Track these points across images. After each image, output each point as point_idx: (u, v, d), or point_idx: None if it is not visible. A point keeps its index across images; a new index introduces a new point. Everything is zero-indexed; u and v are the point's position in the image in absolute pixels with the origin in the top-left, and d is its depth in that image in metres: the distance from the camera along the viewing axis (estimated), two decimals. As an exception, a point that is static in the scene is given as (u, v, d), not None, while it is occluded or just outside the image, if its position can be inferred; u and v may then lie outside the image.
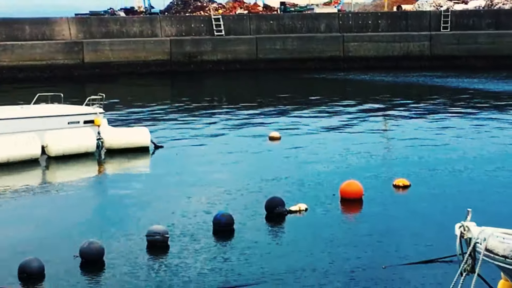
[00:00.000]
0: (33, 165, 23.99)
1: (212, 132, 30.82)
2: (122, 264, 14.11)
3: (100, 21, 57.61)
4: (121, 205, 19.12)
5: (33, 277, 13.08)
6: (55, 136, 25.04)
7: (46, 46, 51.16)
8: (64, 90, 28.63)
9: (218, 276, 13.45)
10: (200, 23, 57.88)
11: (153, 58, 52.84)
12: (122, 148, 25.85)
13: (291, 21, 60.32)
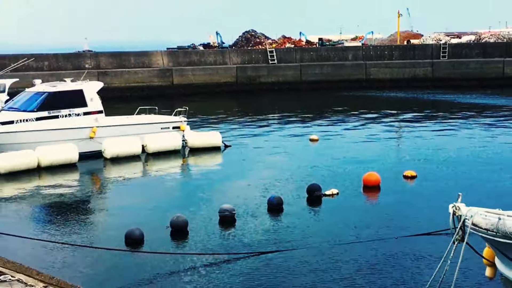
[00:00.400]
0: (136, 159, 24.44)
1: (267, 135, 30.93)
2: (201, 233, 14.34)
3: (185, 53, 58.35)
4: (200, 189, 19.34)
5: (135, 242, 13.39)
6: (151, 138, 25.42)
7: (146, 72, 51.98)
8: (158, 105, 29.05)
9: (272, 242, 13.61)
10: (258, 54, 58.17)
11: (224, 80, 53.22)
12: (201, 147, 26.11)
13: (326, 52, 60.35)
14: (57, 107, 24.66)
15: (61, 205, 18.03)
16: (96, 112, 25.49)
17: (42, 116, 24.26)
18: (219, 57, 56.88)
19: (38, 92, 25.19)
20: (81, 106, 25.19)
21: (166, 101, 35.97)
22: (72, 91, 25.46)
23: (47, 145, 22.94)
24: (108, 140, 24.41)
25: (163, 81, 51.72)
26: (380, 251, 12.90)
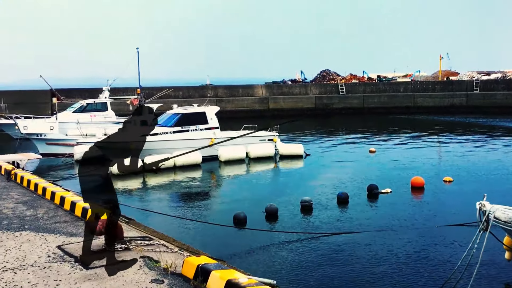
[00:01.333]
0: (241, 162, 24.78)
1: (337, 147, 30.47)
2: (287, 217, 14.30)
3: (278, 86, 58.71)
4: (286, 185, 19.34)
5: (240, 222, 13.55)
6: (253, 147, 25.71)
7: (250, 99, 52.76)
8: (258, 123, 29.33)
9: (340, 226, 13.36)
10: (332, 87, 57.60)
11: (306, 106, 53.03)
12: (288, 155, 26.09)
13: (383, 86, 58.89)
14: (187, 124, 25.46)
15: (189, 193, 18.60)
16: (214, 128, 26.11)
17: (177, 130, 25.12)
18: (302, 89, 56.83)
19: (175, 113, 26.12)
20: (204, 123, 25.88)
21: (264, 121, 36.25)
22: (198, 113, 26.20)
23: (181, 151, 23.67)
24: (222, 148, 24.92)
25: (262, 106, 52.27)
26: (424, 237, 12.37)
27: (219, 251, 10.63)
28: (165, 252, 6.20)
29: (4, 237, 6.85)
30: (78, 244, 6.54)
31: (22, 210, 8.36)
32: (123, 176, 20.87)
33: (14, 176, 10.86)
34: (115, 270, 5.51)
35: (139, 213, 13.02)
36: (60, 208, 8.46)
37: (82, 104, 33.11)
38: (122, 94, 40.60)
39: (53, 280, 5.30)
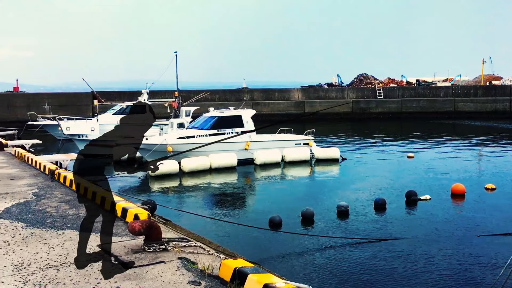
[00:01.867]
0: (277, 166, 24.77)
1: (374, 152, 30.03)
2: (323, 221, 14.18)
3: (314, 90, 58.49)
4: (322, 189, 19.17)
5: (276, 225, 13.52)
6: (288, 150, 25.65)
7: (285, 103, 52.76)
8: (293, 127, 29.23)
9: (377, 232, 13.12)
10: (369, 91, 56.89)
11: (342, 110, 52.53)
12: (324, 159, 25.90)
13: (423, 90, 57.69)
14: (223, 127, 25.66)
15: (224, 196, 18.70)
16: (250, 131, 26.19)
17: (213, 133, 25.32)
18: (339, 93, 56.38)
19: (211, 116, 26.37)
20: (239, 126, 26.00)
21: (299, 125, 36.09)
22: (234, 116, 26.35)
23: (216, 153, 23.91)
24: (258, 151, 24.99)
25: (298, 110, 52.17)
26: (464, 246, 11.99)
27: (255, 254, 10.62)
28: (202, 254, 6.25)
29: (48, 235, 7.07)
30: (118, 243, 6.68)
31: (65, 209, 8.60)
32: (160, 178, 21.21)
33: (57, 176, 11.21)
34: (154, 271, 5.59)
35: (175, 215, 13.18)
36: (101, 208, 8.65)
37: (122, 107, 33.87)
38: (160, 97, 41.34)
39: (94, 279, 5.43)
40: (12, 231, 7.21)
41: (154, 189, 19.97)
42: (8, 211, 8.41)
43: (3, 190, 10.14)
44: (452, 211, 15.95)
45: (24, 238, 6.89)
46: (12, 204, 8.90)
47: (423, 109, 53.95)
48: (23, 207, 8.68)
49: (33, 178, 11.51)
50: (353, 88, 60.41)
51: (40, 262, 5.92)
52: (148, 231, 6.37)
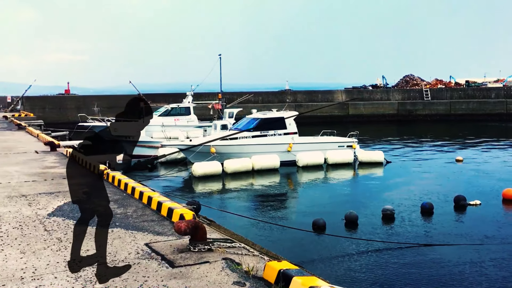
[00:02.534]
0: (319, 168, 24.55)
1: (421, 155, 29.28)
2: (368, 225, 13.94)
3: (358, 92, 57.79)
4: (366, 193, 18.86)
5: (320, 227, 13.41)
6: (331, 153, 25.39)
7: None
8: (337, 129, 28.90)
9: (423, 237, 12.78)
10: (416, 93, 55.64)
11: (387, 112, 51.66)
12: (367, 162, 25.48)
13: (472, 92, 55.86)
14: (266, 128, 25.70)
15: (266, 197, 18.72)
16: (293, 133, 26.13)
17: (256, 135, 25.43)
18: (384, 95, 55.40)
19: (254, 118, 26.47)
20: (282, 128, 25.98)
21: (343, 127, 35.65)
22: (277, 118, 26.35)
23: (259, 155, 23.97)
24: (300, 153, 24.87)
25: (341, 112, 51.57)
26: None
27: (298, 256, 10.56)
28: (246, 255, 6.27)
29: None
30: (164, 242, 6.81)
31: (113, 208, 8.84)
32: (203, 179, 21.48)
33: (106, 176, 11.55)
34: (199, 270, 5.66)
35: (219, 215, 13.31)
36: (147, 208, 8.85)
37: (167, 108, 34.56)
38: (204, 99, 41.88)
39: (142, 276, 5.55)
40: (64, 229, 7.48)
41: (198, 190, 20.25)
42: (60, 209, 8.75)
43: (56, 188, 10.55)
44: (503, 217, 15.32)
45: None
46: (64, 202, 9.24)
47: (473, 111, 52.23)
48: (74, 205, 9.01)
49: (84, 177, 11.90)
50: (399, 90, 59.17)
51: (90, 259, 6.11)
52: (193, 231, 6.45)
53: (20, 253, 6.36)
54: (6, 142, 19.96)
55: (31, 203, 9.20)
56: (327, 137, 27.62)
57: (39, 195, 9.91)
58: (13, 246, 6.63)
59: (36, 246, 6.64)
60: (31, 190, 10.32)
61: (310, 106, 51.38)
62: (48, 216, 8.23)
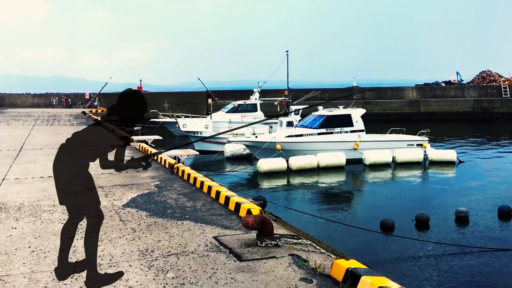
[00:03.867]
0: (387, 167, 23.91)
1: (496, 155, 27.68)
2: (439, 227, 13.39)
3: (430, 89, 55.61)
4: (437, 193, 18.11)
5: (388, 228, 13.08)
6: (400, 151, 24.65)
7: (398, 102, 50.82)
8: (406, 127, 27.94)
9: (499, 242, 12.06)
10: (493, 89, 52.71)
11: (462, 110, 49.26)
12: (438, 161, 24.47)
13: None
14: (332, 126, 25.40)
15: (332, 195, 18.52)
16: (360, 131, 25.64)
17: (322, 132, 25.19)
18: (458, 92, 52.96)
19: (320, 115, 26.23)
20: (349, 126, 25.58)
21: (412, 125, 34.41)
22: (343, 115, 25.96)
23: (324, 152, 23.74)
24: (367, 151, 24.36)
25: (412, 109, 49.86)
26: None
27: (365, 256, 10.36)
28: (313, 252, 6.25)
29: (168, 224, 7.55)
30: (232, 236, 6.93)
31: (183, 201, 9.13)
32: (268, 175, 21.60)
33: (176, 170, 11.93)
34: (266, 265, 5.71)
35: (284, 212, 13.33)
36: (215, 202, 9.05)
37: (234, 105, 35.07)
38: (270, 95, 42.05)
39: (211, 268, 5.69)
40: (137, 219, 7.82)
41: (263, 186, 20.40)
42: (134, 200, 9.15)
43: (130, 181, 11.05)
44: None
45: (148, 226, 7.44)
46: (137, 194, 9.67)
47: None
48: (146, 197, 9.39)
49: (155, 171, 12.39)
50: (475, 87, 56.22)
51: (162, 249, 6.35)
52: (261, 226, 6.52)
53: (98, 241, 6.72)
54: (85, 136, 21.17)
55: (108, 194, 9.70)
56: (396, 135, 26.83)
57: (115, 186, 10.43)
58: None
59: (112, 235, 6.99)
60: (107, 182, 10.87)
61: (378, 103, 50.13)
62: (123, 207, 8.64)
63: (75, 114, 38.96)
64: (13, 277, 5.44)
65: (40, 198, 9.23)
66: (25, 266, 5.76)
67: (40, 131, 23.43)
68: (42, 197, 9.37)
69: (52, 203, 8.83)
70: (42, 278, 5.39)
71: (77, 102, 56.05)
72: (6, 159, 14.31)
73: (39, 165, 13.04)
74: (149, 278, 5.40)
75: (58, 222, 7.63)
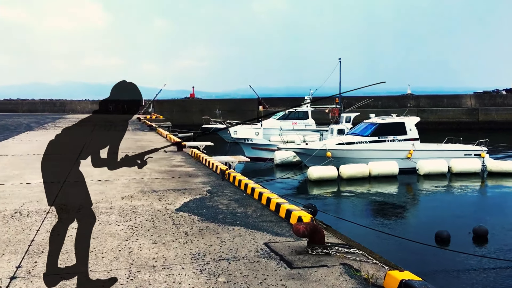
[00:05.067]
0: (442, 177, 23.11)
1: None
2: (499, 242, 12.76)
3: (490, 97, 53.57)
4: (497, 206, 17.37)
5: (443, 241, 12.65)
6: (456, 161, 23.82)
7: (455, 110, 49.24)
8: (463, 136, 26.93)
9: None
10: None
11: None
12: (499, 172, 23.40)
13: None
14: (384, 134, 24.91)
15: (384, 205, 18.11)
16: (413, 139, 25.00)
17: (374, 140, 24.75)
18: (521, 99, 50.77)
19: (372, 123, 25.81)
20: (402, 134, 25.00)
21: (470, 134, 33.10)
22: (396, 123, 25.42)
23: (376, 161, 23.30)
24: (422, 160, 23.68)
25: (470, 118, 48.15)
26: None
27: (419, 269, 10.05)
28: (365, 262, 6.14)
29: (220, 229, 7.65)
30: (282, 243, 6.93)
31: (234, 207, 9.23)
32: (318, 183, 21.43)
33: (227, 176, 12.07)
34: (317, 273, 5.67)
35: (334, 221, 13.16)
36: (266, 208, 9.08)
37: (285, 112, 35.11)
38: (322, 103, 41.82)
39: (261, 274, 5.71)
40: (190, 223, 7.98)
41: (313, 193, 20.26)
42: (186, 205, 9.34)
43: (182, 186, 11.29)
44: None
45: (200, 230, 7.57)
46: (190, 199, 9.86)
47: None
48: (198, 202, 9.56)
49: (207, 176, 12.59)
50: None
51: (213, 253, 6.44)
52: (312, 234, 6.48)
53: (152, 243, 6.91)
54: (140, 141, 21.85)
55: (161, 198, 9.96)
56: (452, 144, 25.95)
57: (168, 191, 10.69)
58: (146, 237, 7.23)
59: (166, 238, 7.17)
60: (161, 186, 11.16)
61: (434, 112, 48.67)
62: (176, 211, 8.84)
63: (130, 120, 40.24)
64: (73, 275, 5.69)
65: (98, 201, 9.60)
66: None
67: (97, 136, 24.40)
68: (99, 199, 9.75)
69: (109, 206, 9.17)
70: (100, 277, 5.60)
71: (132, 108, 57.90)
72: (67, 162, 15.00)
73: (96, 169, 13.56)
74: (201, 282, 5.49)
75: (114, 224, 7.91)
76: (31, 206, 9.06)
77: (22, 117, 42.82)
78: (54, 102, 58.44)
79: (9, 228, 7.64)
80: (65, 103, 58.40)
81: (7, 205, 9.15)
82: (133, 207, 9.05)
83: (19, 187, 10.89)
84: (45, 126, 31.61)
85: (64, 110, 56.29)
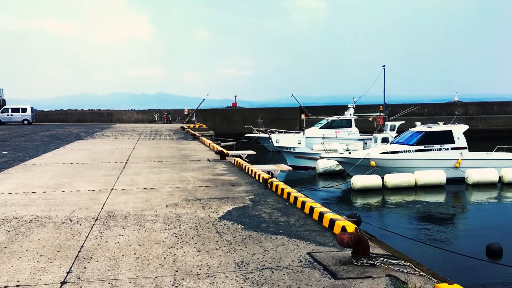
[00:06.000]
0: (493, 187, 22.25)
1: None
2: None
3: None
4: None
5: (495, 254, 12.13)
6: (507, 171, 22.87)
7: (507, 118, 47.47)
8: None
9: None
10: None
11: None
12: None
13: None
14: (431, 142, 24.28)
15: (431, 216, 17.57)
16: (462, 148, 24.23)
17: (420, 149, 24.16)
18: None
19: (418, 131, 25.21)
20: (449, 142, 24.29)
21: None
22: (443, 131, 24.72)
23: (422, 170, 22.71)
24: (470, 169, 22.89)
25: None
26: None
27: (469, 283, 9.70)
28: (412, 274, 5.97)
29: (263, 238, 7.65)
30: (326, 253, 6.85)
31: (277, 216, 9.21)
32: (363, 192, 21.07)
33: (270, 185, 12.08)
34: (362, 284, 5.56)
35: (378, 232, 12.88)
36: (309, 218, 9.01)
37: (328, 121, 34.84)
38: (365, 111, 41.23)
39: (305, 284, 5.66)
40: (233, 232, 8.03)
41: (357, 203, 19.93)
42: (229, 213, 9.41)
43: (225, 194, 11.39)
44: None
45: (243, 239, 7.59)
46: (233, 207, 9.93)
47: None
48: (241, 211, 9.60)
49: (249, 185, 12.64)
50: None
51: (257, 262, 6.45)
52: (356, 244, 6.37)
53: (196, 251, 6.99)
54: (184, 150, 22.23)
55: (205, 206, 10.07)
56: (503, 153, 24.96)
57: (211, 199, 10.81)
58: (190, 244, 7.33)
59: (210, 246, 7.24)
60: (205, 195, 11.30)
61: (483, 119, 47.01)
62: (219, 219, 8.91)
63: (174, 129, 41.10)
64: (120, 281, 5.83)
65: (144, 208, 9.83)
66: (130, 272, 6.15)
67: (144, 145, 25.03)
68: (145, 207, 9.97)
69: (154, 213, 9.36)
70: (146, 284, 5.72)
71: (176, 117, 59.17)
72: (114, 170, 15.44)
73: (142, 177, 13.91)
74: (245, 291, 5.51)
75: (160, 231, 8.07)
76: (80, 213, 9.38)
77: (72, 127, 44.53)
78: (102, 112, 60.41)
79: (60, 234, 7.93)
80: (112, 113, 60.27)
81: (58, 212, 9.51)
82: (178, 215, 9.20)
83: (69, 195, 11.30)
84: (94, 135, 32.72)
85: (111, 120, 58.11)
